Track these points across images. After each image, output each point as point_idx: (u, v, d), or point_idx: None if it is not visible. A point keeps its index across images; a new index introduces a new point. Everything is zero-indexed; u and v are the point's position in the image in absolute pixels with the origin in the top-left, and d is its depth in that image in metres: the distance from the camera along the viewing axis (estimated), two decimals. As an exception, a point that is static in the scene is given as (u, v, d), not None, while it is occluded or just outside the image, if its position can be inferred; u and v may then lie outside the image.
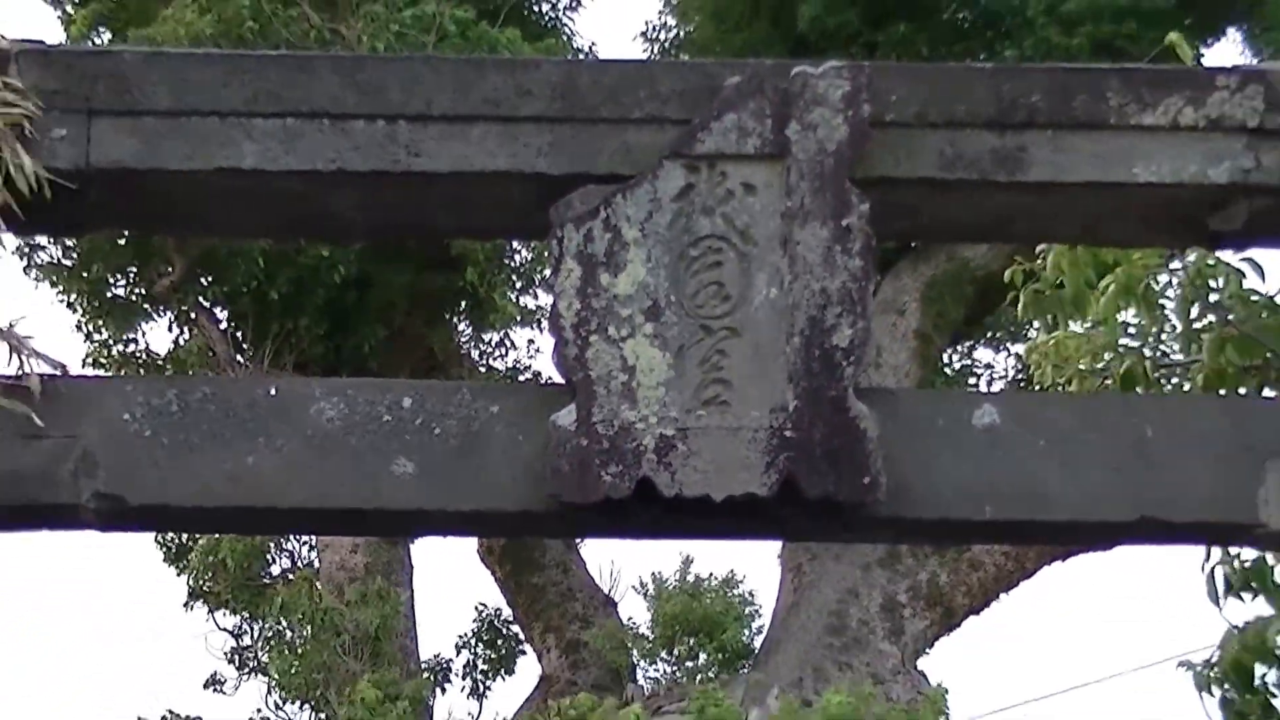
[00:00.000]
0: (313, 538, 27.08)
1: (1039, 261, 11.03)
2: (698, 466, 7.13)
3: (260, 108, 7.47)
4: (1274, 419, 7.82)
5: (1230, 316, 9.94)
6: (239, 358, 27.57)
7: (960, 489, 7.43)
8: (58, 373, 7.42)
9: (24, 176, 7.04)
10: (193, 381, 7.90)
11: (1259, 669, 10.23)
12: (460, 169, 7.45)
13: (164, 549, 27.11)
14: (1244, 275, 9.88)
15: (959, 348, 27.79)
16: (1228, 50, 29.07)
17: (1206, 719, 10.41)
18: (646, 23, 28.15)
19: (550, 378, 7.55)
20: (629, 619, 28.29)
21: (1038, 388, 10.88)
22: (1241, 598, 10.17)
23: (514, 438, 7.33)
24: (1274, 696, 10.15)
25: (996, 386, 34.39)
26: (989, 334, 36.00)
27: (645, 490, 7.12)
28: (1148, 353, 10.38)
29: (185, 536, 26.71)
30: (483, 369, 30.13)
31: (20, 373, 7.25)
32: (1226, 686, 10.22)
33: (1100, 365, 10.32)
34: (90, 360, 29.67)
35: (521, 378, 27.75)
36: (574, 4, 26.47)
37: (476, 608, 29.50)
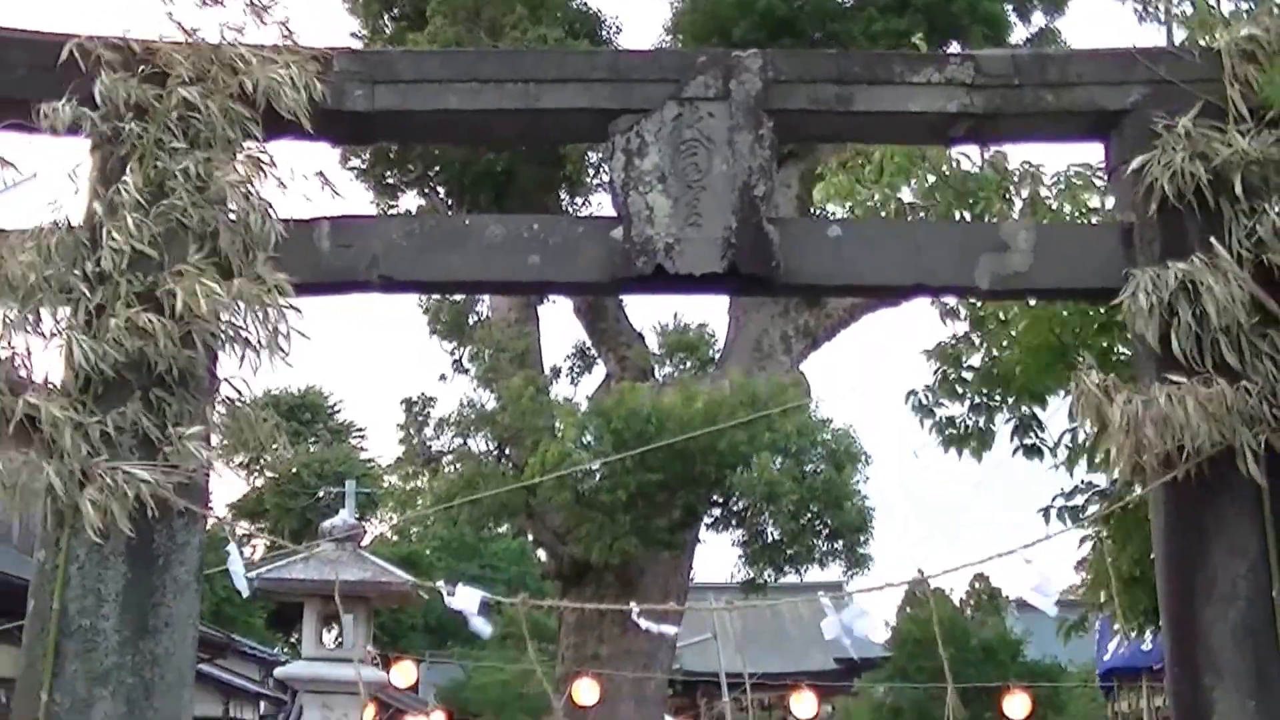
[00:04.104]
0: (488, 300, 26.98)
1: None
2: (686, 257, 7.16)
3: (458, 77, 7.49)
4: (981, 234, 7.86)
5: (948, 174, 9.91)
6: (448, 214, 27.52)
7: (821, 269, 7.43)
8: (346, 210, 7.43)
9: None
10: (426, 219, 7.92)
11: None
12: (562, 106, 7.47)
13: (421, 308, 27.09)
14: (958, 159, 9.85)
15: (820, 205, 27.35)
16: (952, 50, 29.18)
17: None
18: (658, 38, 27.85)
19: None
20: (650, 346, 28.25)
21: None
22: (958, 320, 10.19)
23: (592, 243, 7.33)
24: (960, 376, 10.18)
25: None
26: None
27: (659, 271, 7.17)
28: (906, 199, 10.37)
29: (428, 299, 26.64)
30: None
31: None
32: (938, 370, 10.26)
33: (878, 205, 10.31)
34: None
35: (595, 223, 28.03)
36: (618, 29, 26.24)
37: (574, 341, 29.54)
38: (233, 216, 6.99)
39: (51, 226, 6.92)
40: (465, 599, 7.48)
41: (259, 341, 6.93)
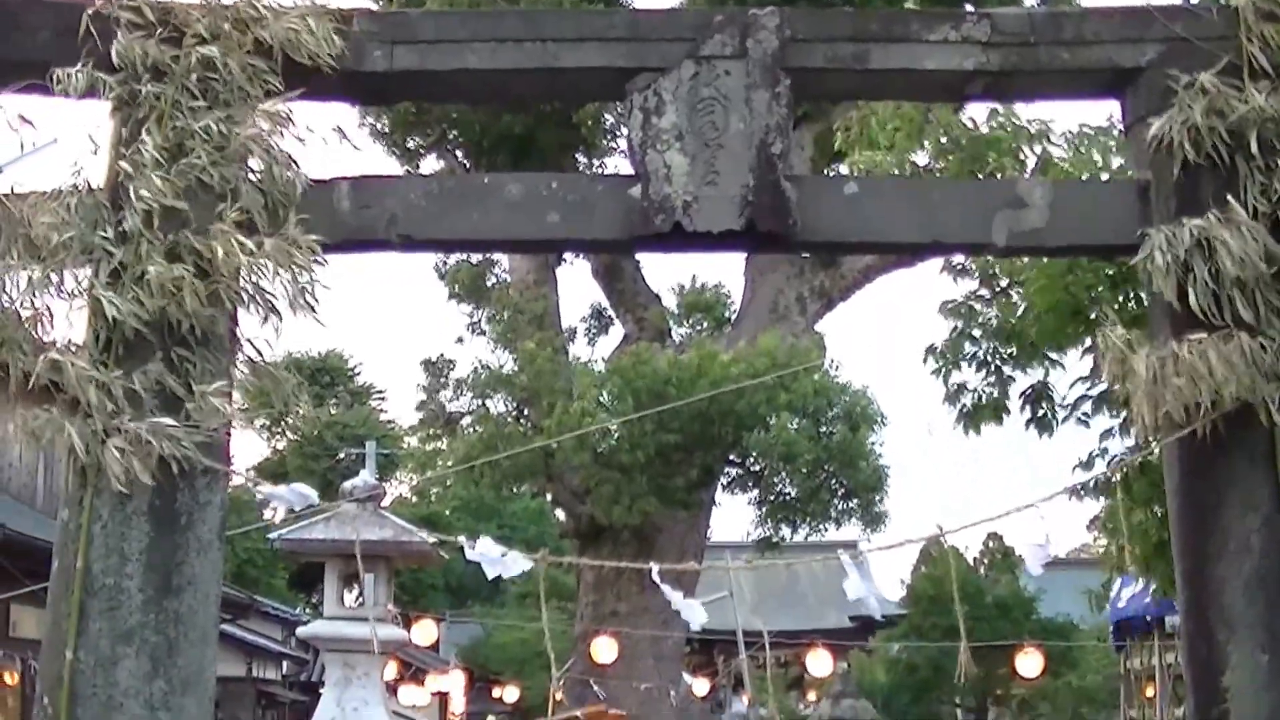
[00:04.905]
0: (506, 263, 26.92)
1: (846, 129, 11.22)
2: (704, 215, 7.11)
3: (477, 37, 7.42)
4: (998, 191, 7.82)
5: (962, 141, 9.89)
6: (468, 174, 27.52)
7: (838, 227, 7.39)
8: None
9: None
10: (445, 178, 7.88)
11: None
12: (580, 65, 7.40)
13: (437, 271, 27.01)
14: (965, 121, 9.83)
15: (833, 166, 27.31)
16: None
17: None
18: (678, 4, 27.65)
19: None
20: (667, 307, 28.21)
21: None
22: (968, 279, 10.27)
23: (610, 201, 7.28)
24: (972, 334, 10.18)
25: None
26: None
27: (677, 228, 7.11)
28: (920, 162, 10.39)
29: (447, 262, 26.60)
30: (591, 182, 30.04)
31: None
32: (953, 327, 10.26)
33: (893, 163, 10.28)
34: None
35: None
36: (638, -7, 26.15)
37: (591, 303, 29.46)
38: (254, 175, 6.98)
39: (72, 188, 6.90)
40: (486, 550, 7.49)
41: (285, 299, 6.93)
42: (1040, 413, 10.27)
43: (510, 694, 40.31)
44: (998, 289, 10.19)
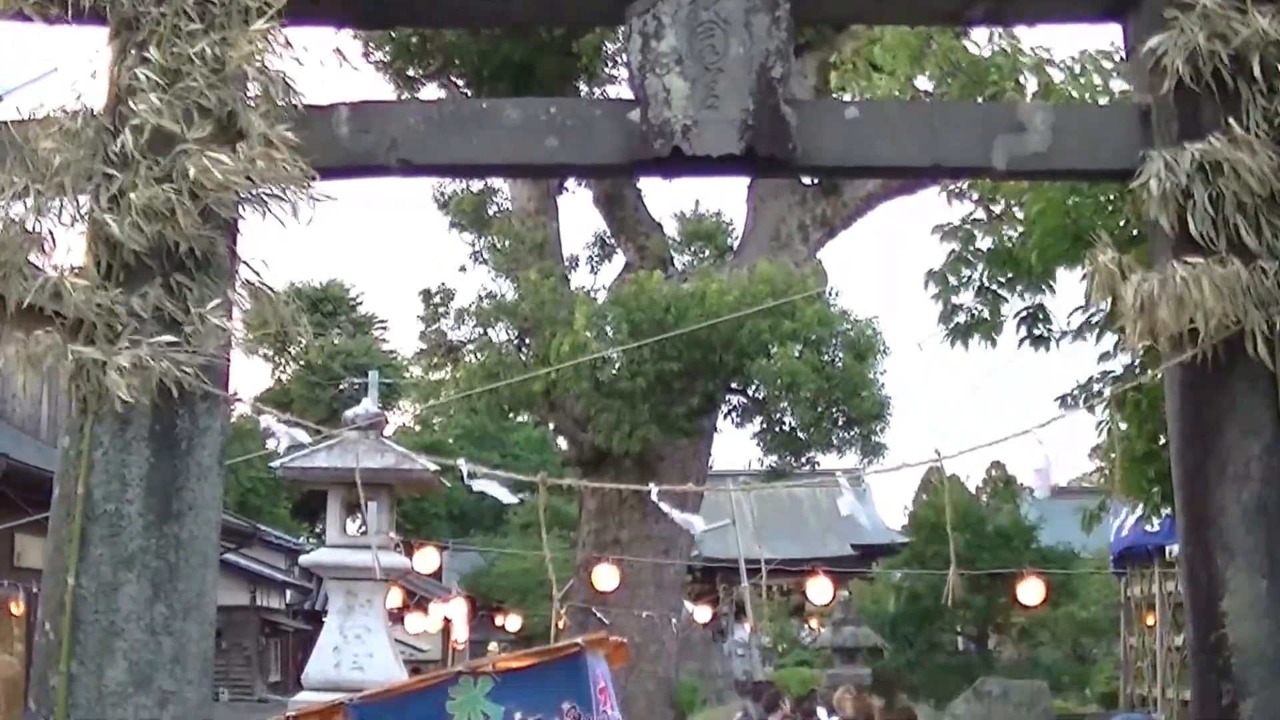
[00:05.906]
0: (507, 191, 26.85)
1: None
2: (704, 139, 7.08)
3: (475, -40, 7.37)
4: (998, 114, 7.72)
5: (962, 65, 9.86)
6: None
7: (838, 151, 7.37)
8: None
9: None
10: (446, 103, 7.82)
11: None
12: (579, -11, 7.36)
13: (436, 200, 26.90)
14: (965, 45, 9.80)
15: (837, 96, 26.95)
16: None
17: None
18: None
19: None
20: (668, 235, 28.10)
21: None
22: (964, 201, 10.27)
23: (609, 125, 7.25)
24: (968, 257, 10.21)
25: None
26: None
27: (676, 152, 7.09)
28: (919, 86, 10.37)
29: (448, 192, 26.52)
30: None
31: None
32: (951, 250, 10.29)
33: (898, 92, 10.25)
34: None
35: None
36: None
37: (594, 231, 29.34)
38: (250, 95, 6.95)
39: (73, 114, 6.88)
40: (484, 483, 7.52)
41: (277, 206, 6.92)
42: (1036, 331, 10.27)
43: (512, 622, 40.47)
44: (995, 214, 10.17)
